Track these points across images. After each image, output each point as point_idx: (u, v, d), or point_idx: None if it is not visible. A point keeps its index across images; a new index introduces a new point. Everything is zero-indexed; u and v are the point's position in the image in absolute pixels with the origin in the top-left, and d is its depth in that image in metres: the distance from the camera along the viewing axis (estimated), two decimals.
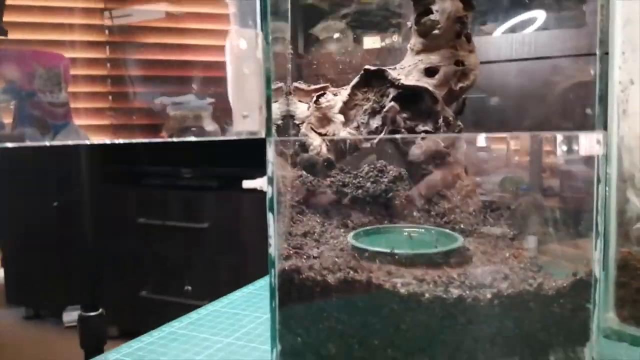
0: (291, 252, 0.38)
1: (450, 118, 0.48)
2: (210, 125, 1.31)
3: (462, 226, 0.45)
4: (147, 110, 1.32)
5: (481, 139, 0.42)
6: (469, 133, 0.47)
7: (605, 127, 0.33)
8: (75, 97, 1.33)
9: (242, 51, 0.27)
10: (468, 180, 0.49)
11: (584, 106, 0.34)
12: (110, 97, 1.37)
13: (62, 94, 1.14)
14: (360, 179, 0.54)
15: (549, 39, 1.07)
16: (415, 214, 0.48)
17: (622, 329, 0.38)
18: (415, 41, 0.50)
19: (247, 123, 0.28)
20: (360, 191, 0.52)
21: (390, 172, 0.55)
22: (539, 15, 0.90)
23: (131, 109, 1.38)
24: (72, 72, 1.28)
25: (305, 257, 0.37)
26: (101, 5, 1.31)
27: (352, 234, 0.42)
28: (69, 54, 1.26)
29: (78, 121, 1.29)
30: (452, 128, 0.48)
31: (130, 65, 1.35)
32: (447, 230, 0.42)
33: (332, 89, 0.53)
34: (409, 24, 0.51)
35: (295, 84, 0.53)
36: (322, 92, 0.50)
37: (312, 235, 0.43)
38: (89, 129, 1.40)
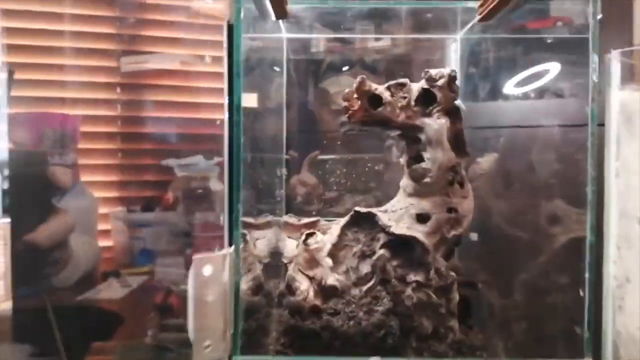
0: None
1: (442, 268, 0.46)
2: (217, 185, 1.31)
3: None
4: (156, 167, 1.33)
5: None
6: None
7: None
8: (83, 153, 1.34)
9: (206, 277, 0.27)
10: None
11: None
12: (119, 154, 1.38)
13: (71, 154, 1.16)
14: (353, 305, 0.52)
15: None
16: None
17: None
18: (407, 182, 0.49)
19: (208, 354, 0.27)
20: (352, 322, 0.50)
21: (384, 299, 0.53)
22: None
23: (140, 165, 1.38)
24: (82, 128, 1.29)
25: None
26: (115, 64, 1.33)
27: None
28: (79, 111, 1.27)
29: (84, 177, 1.30)
30: (444, 278, 0.46)
31: (140, 121, 1.36)
32: None
33: (323, 223, 0.52)
34: (401, 161, 0.50)
35: (285, 218, 0.52)
36: (312, 231, 0.49)
37: None
38: (95, 185, 1.41)
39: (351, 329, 0.48)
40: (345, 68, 0.94)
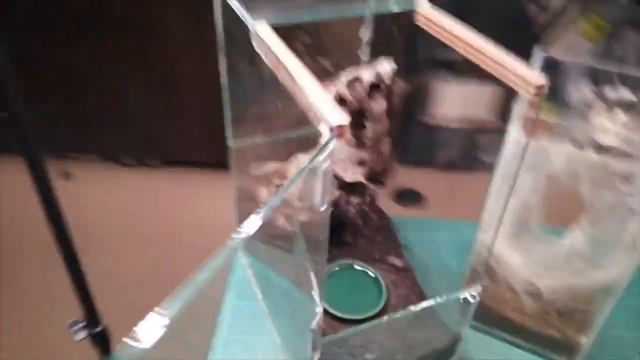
0: None
1: (373, 192, 0.69)
2: None
3: (376, 256, 0.72)
4: None
5: None
6: None
7: None
8: None
9: None
10: None
11: None
12: None
13: None
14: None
15: None
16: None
17: None
18: (349, 136, 0.65)
19: None
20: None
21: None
22: None
23: None
24: None
25: None
26: None
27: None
28: None
29: None
30: (372, 197, 0.69)
31: None
32: (372, 274, 0.68)
33: (281, 166, 0.67)
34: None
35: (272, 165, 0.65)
36: (281, 183, 0.65)
37: None
38: None
39: None
40: None
